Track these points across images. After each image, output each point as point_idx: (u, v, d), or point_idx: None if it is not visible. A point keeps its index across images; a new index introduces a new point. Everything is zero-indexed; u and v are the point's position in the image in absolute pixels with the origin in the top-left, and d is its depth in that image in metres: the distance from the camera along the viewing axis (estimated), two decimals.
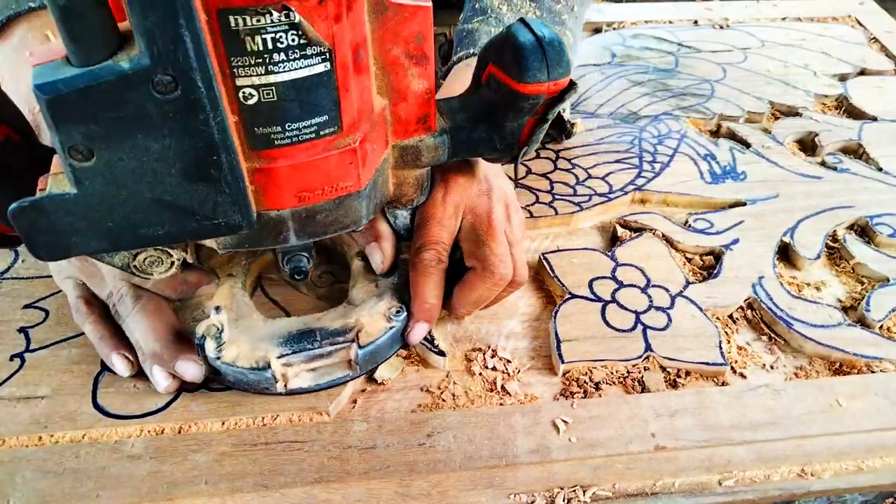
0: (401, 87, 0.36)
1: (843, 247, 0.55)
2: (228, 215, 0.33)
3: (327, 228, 0.37)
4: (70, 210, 0.31)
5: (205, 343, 0.41)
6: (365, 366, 0.43)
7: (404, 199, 0.42)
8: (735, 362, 0.47)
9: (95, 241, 0.33)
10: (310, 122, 0.32)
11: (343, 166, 0.35)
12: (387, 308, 0.44)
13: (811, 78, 0.75)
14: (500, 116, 0.39)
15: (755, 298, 0.50)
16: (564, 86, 0.37)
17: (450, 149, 0.40)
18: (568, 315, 0.49)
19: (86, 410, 0.42)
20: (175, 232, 0.33)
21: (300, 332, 0.43)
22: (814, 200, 0.59)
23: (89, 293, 0.45)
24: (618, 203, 0.59)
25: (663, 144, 0.65)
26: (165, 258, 0.38)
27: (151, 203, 0.32)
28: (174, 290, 0.45)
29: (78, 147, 0.29)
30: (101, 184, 0.30)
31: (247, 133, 0.31)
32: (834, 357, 0.47)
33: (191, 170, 0.31)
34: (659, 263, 0.53)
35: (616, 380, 0.45)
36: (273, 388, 0.42)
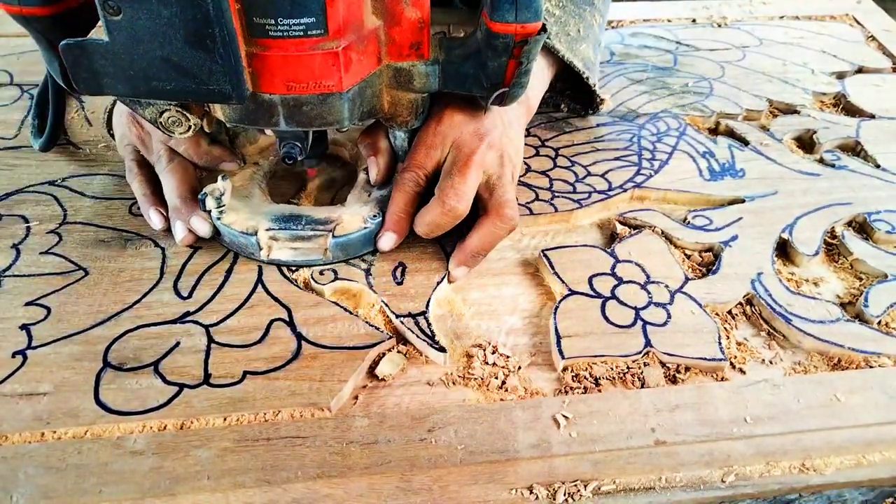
0: (395, 13, 0.42)
1: (841, 243, 0.55)
2: (221, 84, 0.39)
3: (312, 121, 0.43)
4: (103, 54, 0.39)
5: (205, 199, 0.49)
6: (336, 254, 0.51)
7: (399, 120, 0.48)
8: (734, 358, 0.47)
9: (121, 85, 0.41)
10: (299, 21, 0.38)
11: (326, 66, 0.40)
12: (367, 212, 0.51)
13: (809, 76, 0.76)
14: (484, 55, 0.44)
15: (754, 294, 0.51)
16: (533, 30, 0.42)
17: (440, 79, 0.46)
18: (568, 311, 0.49)
19: (88, 407, 0.42)
20: (178, 89, 0.40)
21: (290, 214, 0.51)
22: (812, 197, 0.59)
23: (141, 157, 0.55)
24: (617, 200, 0.59)
25: (662, 142, 0.65)
26: (184, 120, 0.46)
27: (161, 61, 0.39)
28: (200, 157, 0.54)
29: (110, 2, 0.36)
30: (125, 37, 0.38)
31: (247, 20, 0.38)
32: (832, 352, 0.47)
33: (191, 38, 0.37)
34: (658, 260, 0.53)
35: (616, 375, 0.46)
36: (257, 254, 0.50)
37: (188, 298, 0.49)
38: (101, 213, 0.56)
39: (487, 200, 0.50)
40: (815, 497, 0.43)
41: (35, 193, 0.58)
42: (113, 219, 0.55)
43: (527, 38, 0.42)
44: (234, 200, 0.51)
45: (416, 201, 0.51)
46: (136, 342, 0.46)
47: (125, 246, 0.53)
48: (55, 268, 0.51)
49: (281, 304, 0.49)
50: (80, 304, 0.48)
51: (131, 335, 0.47)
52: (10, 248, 0.53)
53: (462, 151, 0.49)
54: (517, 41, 0.42)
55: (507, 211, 0.49)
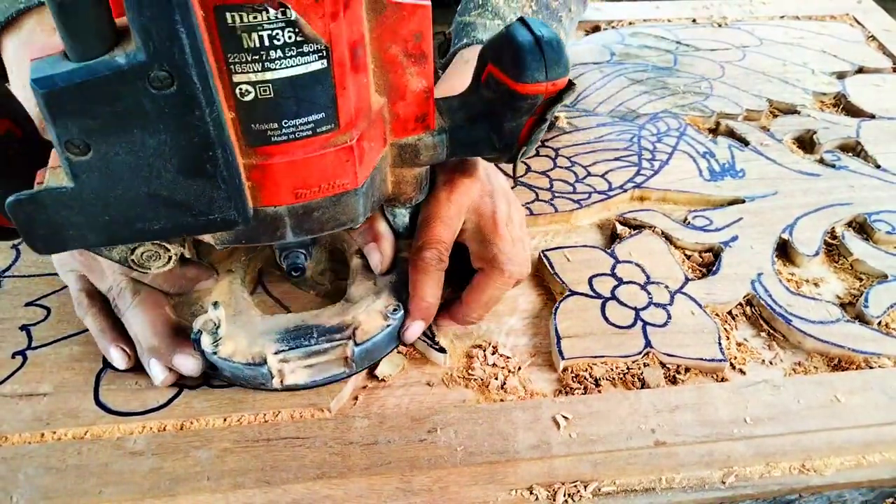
0: (399, 86, 0.36)
1: (841, 243, 0.55)
2: (224, 211, 0.33)
3: (324, 225, 0.37)
4: (67, 204, 0.31)
5: (201, 338, 0.41)
6: (361, 363, 0.44)
7: (403, 198, 0.42)
8: (734, 358, 0.47)
9: (92, 234, 0.33)
10: (307, 120, 0.32)
11: (340, 164, 0.35)
12: (384, 306, 0.44)
13: (809, 76, 0.76)
14: (499, 116, 0.39)
15: (754, 295, 0.51)
16: (563, 86, 0.37)
17: (448, 148, 0.40)
18: (568, 312, 0.49)
19: (88, 407, 0.42)
20: (171, 227, 0.33)
21: (297, 328, 0.43)
22: (812, 197, 0.59)
23: (91, 286, 0.46)
24: (617, 200, 0.59)
25: (662, 142, 0.65)
26: (163, 252, 0.38)
27: (148, 198, 0.32)
28: (172, 284, 0.45)
29: (74, 141, 0.29)
30: (97, 178, 0.30)
31: (244, 129, 0.32)
32: (833, 353, 0.47)
33: (187, 165, 0.31)
34: (658, 260, 0.53)
35: (616, 376, 0.46)
36: (269, 383, 0.42)
37: None
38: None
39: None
40: (815, 497, 0.43)
41: None
42: None
43: (557, 95, 0.38)
44: (226, 324, 0.43)
45: (443, 281, 0.45)
46: None
47: None
48: (55, 268, 0.51)
49: (281, 305, 0.49)
50: None
51: None
52: (10, 248, 0.53)
53: (484, 215, 0.45)
54: (545, 99, 0.38)
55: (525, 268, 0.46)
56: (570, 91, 0.38)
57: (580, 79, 0.75)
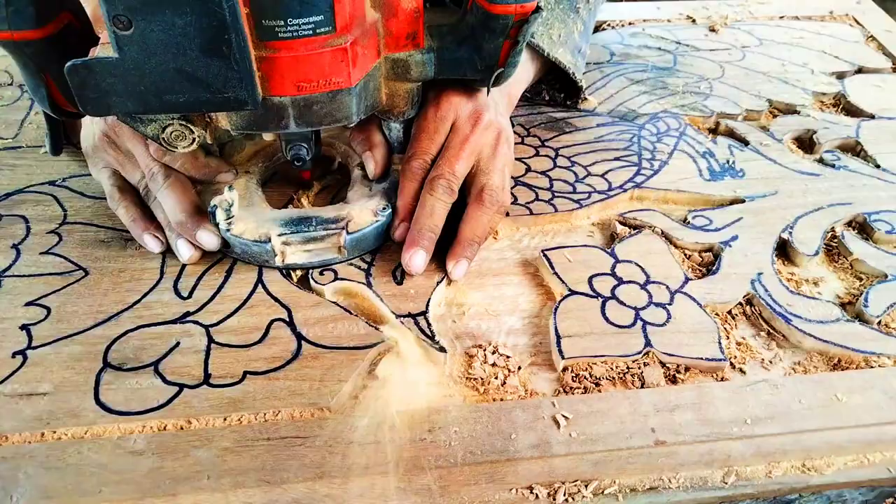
0: (392, 4, 0.43)
1: (841, 243, 0.55)
2: (237, 90, 0.39)
3: (322, 119, 0.43)
4: (112, 72, 0.38)
5: (216, 212, 0.48)
6: (352, 251, 0.51)
7: (396, 111, 0.49)
8: (734, 358, 0.47)
9: (130, 102, 0.40)
10: (308, 20, 0.38)
11: (335, 63, 0.41)
12: (376, 205, 0.52)
13: (809, 76, 0.76)
14: (480, 38, 0.45)
15: (754, 294, 0.51)
16: (531, 8, 0.44)
17: (436, 66, 0.47)
18: (568, 311, 0.49)
19: (88, 407, 0.42)
20: (193, 100, 0.40)
21: (300, 217, 0.50)
22: (812, 197, 0.59)
23: (123, 181, 0.53)
24: (617, 200, 0.59)
25: (662, 142, 0.65)
26: (188, 133, 0.45)
27: (175, 72, 0.38)
28: (198, 170, 0.52)
29: (120, 17, 0.35)
30: (137, 51, 0.37)
31: (256, 24, 0.38)
32: (832, 352, 0.47)
33: (207, 46, 0.37)
34: (658, 260, 0.53)
35: (616, 375, 0.46)
36: (272, 260, 0.50)
37: (188, 299, 0.49)
38: (101, 214, 0.56)
39: (472, 187, 0.52)
40: (815, 497, 0.43)
41: (35, 193, 0.58)
42: (113, 219, 0.55)
43: (525, 17, 0.44)
44: (239, 210, 0.50)
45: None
46: (136, 342, 0.46)
47: (125, 246, 0.53)
48: (55, 268, 0.51)
49: (281, 305, 0.49)
50: (80, 304, 0.48)
51: (131, 335, 0.47)
52: (10, 248, 0.53)
53: (457, 135, 0.51)
54: (515, 21, 0.44)
55: (486, 196, 0.51)
56: (538, 14, 0.44)
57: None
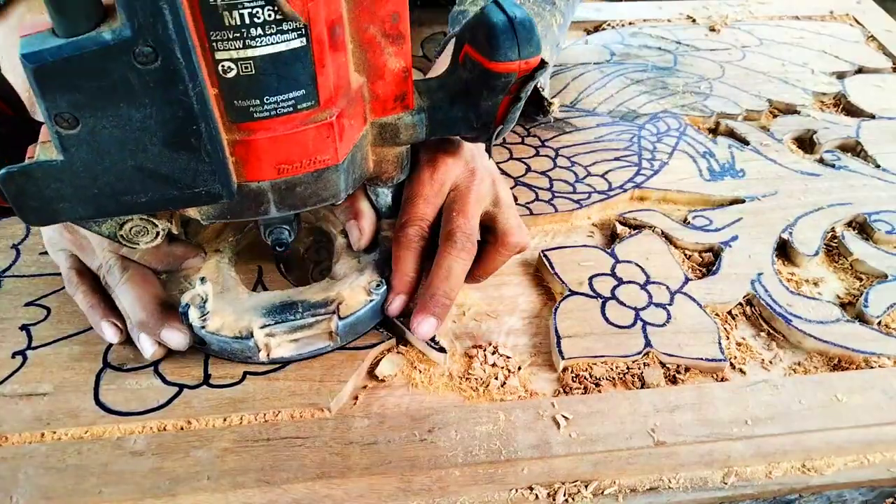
0: (378, 66, 0.38)
1: (841, 243, 0.55)
2: (209, 184, 0.34)
3: (307, 201, 0.39)
4: (57, 177, 0.32)
5: (189, 311, 0.42)
6: (345, 337, 0.45)
7: (384, 177, 0.44)
8: (734, 358, 0.47)
9: (81, 207, 0.34)
10: (287, 96, 0.34)
11: (321, 140, 0.36)
12: (367, 282, 0.46)
13: (809, 76, 0.76)
14: (476, 95, 0.40)
15: (754, 295, 0.51)
16: (535, 64, 0.39)
17: (428, 127, 0.42)
18: (568, 312, 0.49)
19: (88, 407, 0.42)
20: (157, 199, 0.34)
21: (283, 303, 0.44)
22: (812, 197, 0.59)
23: (81, 265, 0.47)
24: (617, 200, 0.59)
25: (662, 142, 0.65)
26: (151, 228, 0.40)
27: (134, 171, 0.33)
28: (161, 261, 0.46)
29: (63, 115, 0.30)
30: (85, 151, 0.32)
31: (227, 105, 0.33)
32: (832, 353, 0.47)
33: (172, 139, 0.32)
34: (658, 260, 0.53)
35: (616, 375, 0.46)
36: (256, 357, 0.44)
37: None
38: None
39: (493, 229, 0.49)
40: (815, 497, 0.43)
41: None
42: None
43: (530, 74, 0.39)
44: (213, 300, 0.44)
45: (423, 257, 0.47)
46: None
47: None
48: (55, 268, 0.51)
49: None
50: None
51: None
52: (10, 248, 0.53)
53: (459, 191, 0.47)
54: (518, 78, 0.39)
55: (511, 239, 0.48)
56: (543, 69, 0.39)
57: (580, 79, 0.75)
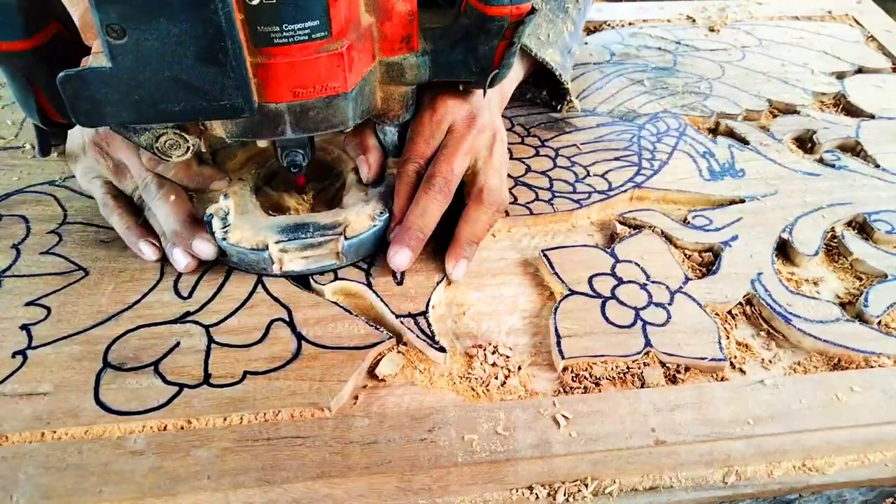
0: (386, 7, 0.42)
1: (841, 243, 0.55)
2: (233, 98, 0.39)
3: (318, 125, 0.43)
4: (105, 81, 0.37)
5: (212, 220, 0.49)
6: (350, 256, 0.50)
7: (391, 115, 0.49)
8: (734, 358, 0.47)
9: (125, 111, 0.39)
10: (303, 25, 0.38)
11: (332, 68, 0.40)
12: (372, 210, 0.51)
13: (809, 76, 0.76)
14: (475, 40, 0.45)
15: (754, 294, 0.51)
16: (526, 10, 0.44)
17: (431, 69, 0.47)
18: (568, 311, 0.49)
19: (88, 407, 0.42)
20: (189, 109, 0.39)
21: (296, 224, 0.50)
22: (812, 197, 0.59)
23: (116, 190, 0.52)
24: (617, 200, 0.59)
25: (662, 142, 0.65)
26: (182, 142, 0.44)
27: (170, 81, 0.37)
28: (191, 180, 0.52)
29: (113, 25, 0.35)
30: (131, 60, 0.36)
31: (251, 31, 0.37)
32: (832, 352, 0.47)
33: (203, 53, 0.36)
34: (658, 260, 0.53)
35: (616, 375, 0.46)
36: (270, 268, 0.49)
37: (188, 298, 0.49)
38: (100, 214, 0.55)
39: (471, 187, 0.52)
40: (815, 497, 0.43)
41: (35, 193, 0.58)
42: None
43: (521, 18, 0.44)
44: (235, 218, 0.50)
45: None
46: (137, 342, 0.46)
47: (125, 246, 0.53)
48: (55, 268, 0.51)
49: (281, 304, 0.49)
50: (80, 304, 0.48)
51: (131, 335, 0.47)
52: (10, 248, 0.53)
53: (454, 136, 0.51)
54: (511, 22, 0.44)
55: (486, 196, 0.51)
56: (532, 15, 0.44)
57: (580, 79, 0.75)
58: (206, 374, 0.44)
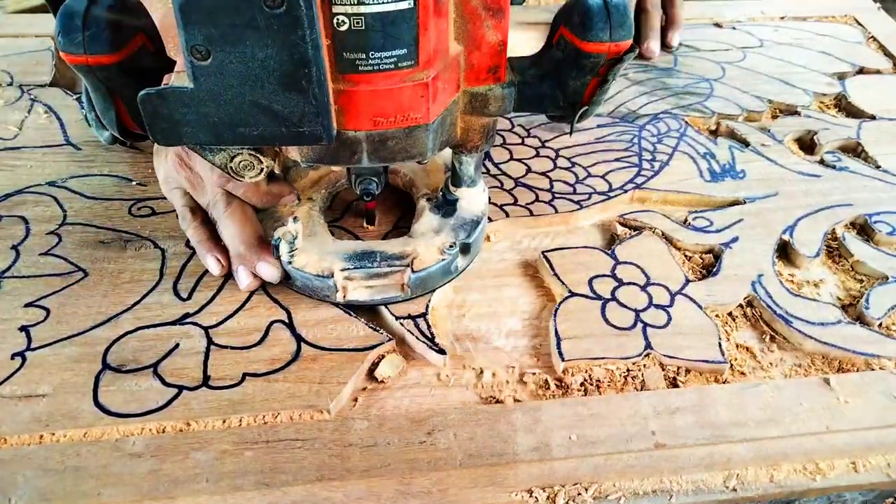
0: (476, 37, 0.40)
1: (842, 245, 0.55)
2: (313, 125, 0.38)
3: (396, 155, 0.41)
4: (186, 102, 0.37)
5: (279, 245, 0.47)
6: (415, 289, 0.48)
7: (469, 145, 0.46)
8: (735, 360, 0.47)
9: (202, 132, 0.38)
10: (391, 53, 0.37)
11: (415, 98, 0.39)
12: (442, 242, 0.49)
13: (810, 77, 0.76)
14: (565, 74, 0.43)
15: (755, 296, 0.51)
16: (625, 48, 0.41)
17: (516, 101, 0.44)
18: (568, 313, 0.49)
19: (87, 409, 0.42)
20: (267, 134, 0.38)
21: (363, 251, 0.49)
22: (813, 199, 0.59)
23: (193, 202, 0.52)
24: (617, 201, 0.59)
25: (662, 143, 0.65)
26: (256, 164, 0.44)
27: (251, 104, 0.37)
28: (260, 199, 0.51)
29: (198, 47, 0.34)
30: (213, 82, 0.36)
31: (336, 56, 0.36)
32: (833, 355, 0.47)
33: (286, 79, 0.36)
34: (658, 262, 0.53)
35: (616, 378, 0.46)
36: (333, 296, 0.48)
37: (188, 300, 0.49)
38: (100, 214, 0.55)
39: None
40: (816, 499, 0.42)
41: (35, 194, 0.58)
42: (113, 220, 0.55)
43: (619, 56, 0.41)
44: (302, 241, 0.49)
45: None
46: (136, 344, 0.46)
47: (125, 247, 0.53)
48: (54, 269, 0.51)
49: (280, 306, 0.49)
50: (80, 306, 0.48)
51: (130, 337, 0.46)
52: (9, 248, 0.52)
53: None
54: (608, 59, 0.42)
55: None
56: (632, 53, 0.42)
57: None
58: (205, 376, 0.44)
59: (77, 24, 0.36)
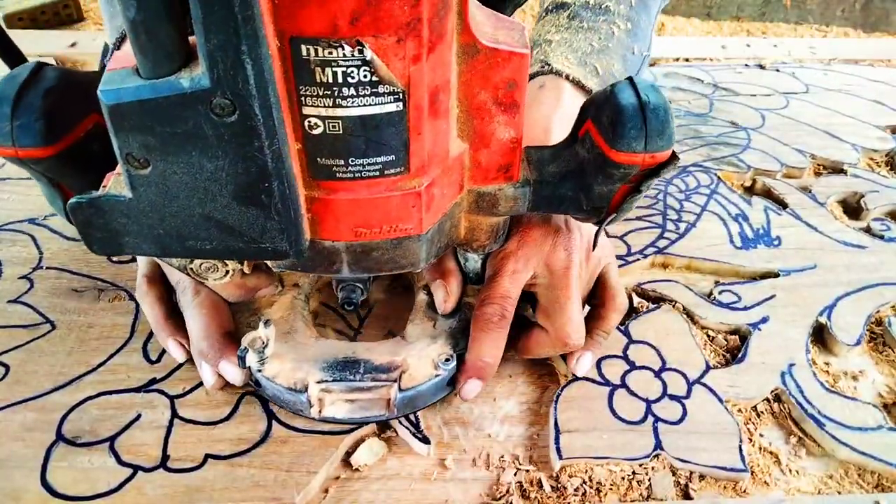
0: (484, 134, 0.35)
1: (887, 331, 0.50)
2: (276, 241, 0.33)
3: (382, 266, 0.36)
4: (124, 212, 0.32)
5: (246, 356, 0.41)
6: (402, 409, 0.42)
7: (476, 245, 0.41)
8: (757, 466, 0.42)
9: (146, 244, 0.33)
10: (375, 160, 0.31)
11: (405, 208, 0.34)
12: (437, 353, 0.43)
13: (859, 129, 0.69)
14: (590, 178, 0.36)
15: (783, 390, 0.45)
16: (663, 159, 0.34)
17: (531, 201, 0.39)
18: (571, 400, 0.44)
19: (32, 488, 0.39)
20: (222, 249, 0.33)
21: (345, 359, 0.42)
22: (856, 274, 0.54)
23: (155, 274, 0.46)
24: (636, 267, 0.54)
25: (690, 200, 0.60)
26: (221, 266, 0.40)
27: (201, 218, 0.32)
28: (231, 294, 0.45)
29: (134, 154, 0.29)
30: (154, 193, 0.31)
31: (309, 161, 0.31)
32: (872, 467, 0.42)
33: (242, 193, 0.31)
34: (677, 342, 0.48)
35: (619, 482, 0.40)
36: (307, 412, 0.41)
37: (156, 363, 0.46)
38: (77, 258, 0.52)
39: (548, 317, 0.44)
40: None
41: (13, 232, 0.55)
42: (90, 264, 0.52)
43: (654, 168, 0.34)
44: (277, 342, 0.43)
45: (505, 339, 0.43)
46: (95, 412, 0.42)
47: (98, 297, 0.50)
48: (21, 319, 0.48)
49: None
50: (42, 364, 0.45)
51: (91, 403, 0.43)
52: None
53: (556, 273, 0.43)
54: (642, 171, 0.35)
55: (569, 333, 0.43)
56: (673, 165, 0.34)
57: None
58: (164, 455, 0.40)
59: (5, 111, 0.31)
